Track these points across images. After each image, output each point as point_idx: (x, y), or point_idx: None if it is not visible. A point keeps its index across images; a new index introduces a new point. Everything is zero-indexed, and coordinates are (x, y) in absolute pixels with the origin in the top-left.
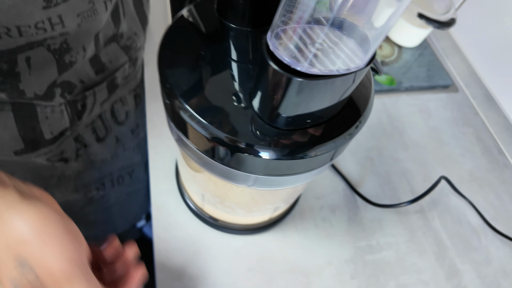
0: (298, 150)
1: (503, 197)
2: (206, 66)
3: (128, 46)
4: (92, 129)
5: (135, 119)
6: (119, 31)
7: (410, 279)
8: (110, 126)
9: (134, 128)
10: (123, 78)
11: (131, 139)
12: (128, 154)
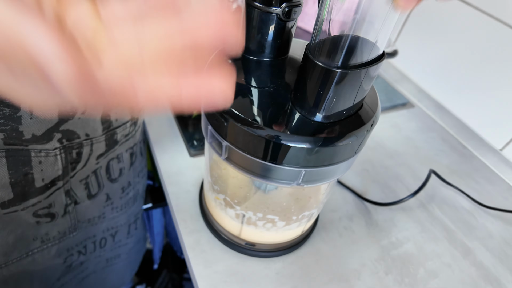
0: (337, 138)
1: (480, 181)
2: (245, 88)
3: None
4: (85, 185)
5: (127, 177)
6: None
7: (434, 264)
8: (103, 182)
9: (126, 186)
10: (124, 135)
11: (120, 197)
12: (115, 214)
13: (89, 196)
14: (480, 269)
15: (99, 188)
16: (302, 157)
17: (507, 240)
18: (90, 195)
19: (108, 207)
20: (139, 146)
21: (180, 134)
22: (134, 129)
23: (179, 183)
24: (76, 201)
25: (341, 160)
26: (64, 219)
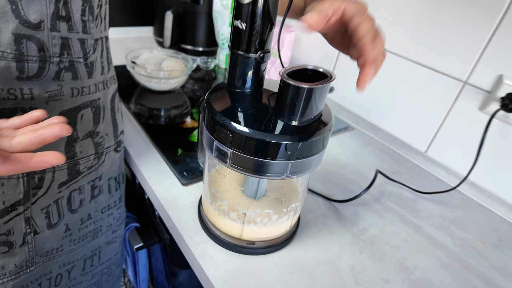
0: (316, 134)
1: (414, 176)
2: (241, 108)
3: (98, 143)
4: (46, 213)
5: (87, 210)
6: (96, 130)
7: (395, 240)
8: (63, 212)
9: (85, 218)
10: (87, 167)
11: (79, 228)
12: (73, 247)
13: (49, 225)
14: (429, 239)
15: (59, 218)
16: (288, 152)
17: (442, 215)
18: (50, 225)
19: (66, 238)
20: (105, 182)
21: (170, 169)
22: (97, 163)
23: (177, 207)
24: (36, 230)
25: (315, 152)
26: (22, 250)
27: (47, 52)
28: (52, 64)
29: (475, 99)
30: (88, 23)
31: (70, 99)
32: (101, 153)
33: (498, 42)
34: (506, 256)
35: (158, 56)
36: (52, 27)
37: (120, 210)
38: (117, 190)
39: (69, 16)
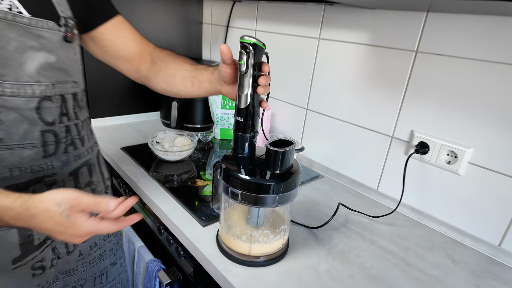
0: (291, 177)
1: (370, 207)
2: (243, 166)
3: (94, 189)
4: (65, 244)
5: (93, 239)
6: (91, 180)
7: (358, 251)
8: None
9: (92, 246)
10: None
11: (88, 253)
12: (85, 267)
13: (67, 252)
14: (381, 248)
15: (74, 247)
16: (275, 189)
17: (391, 232)
18: (68, 252)
19: (80, 261)
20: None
21: (191, 216)
22: None
23: (201, 241)
24: (58, 256)
25: (292, 188)
26: (50, 270)
27: (58, 137)
28: (61, 144)
29: (400, 148)
30: (77, 112)
31: (74, 163)
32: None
33: (405, 109)
34: (437, 255)
35: (171, 135)
36: (59, 121)
37: (117, 237)
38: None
39: (67, 112)
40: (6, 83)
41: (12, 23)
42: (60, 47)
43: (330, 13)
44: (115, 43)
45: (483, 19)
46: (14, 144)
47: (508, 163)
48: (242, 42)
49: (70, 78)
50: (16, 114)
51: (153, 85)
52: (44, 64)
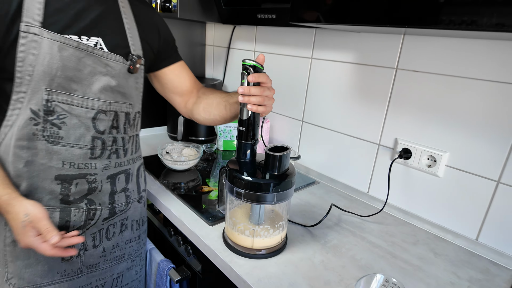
0: (286, 177)
1: (361, 209)
2: (245, 170)
3: (128, 196)
4: (93, 237)
5: (116, 240)
6: (127, 187)
7: (349, 246)
8: (102, 239)
9: (115, 245)
10: (120, 210)
11: (110, 252)
12: (106, 265)
13: (93, 246)
14: (370, 243)
15: (100, 242)
16: (274, 188)
17: (380, 230)
18: (94, 246)
19: (102, 258)
20: (130, 222)
21: (200, 218)
22: (126, 208)
23: (209, 238)
24: (86, 248)
25: (288, 188)
26: (76, 260)
27: (105, 144)
28: (106, 150)
29: (386, 154)
30: (126, 128)
31: (114, 168)
32: (129, 202)
33: (390, 119)
34: (420, 249)
35: (178, 147)
36: (109, 132)
37: (138, 245)
38: (137, 229)
39: (117, 126)
40: (75, 96)
41: (90, 54)
42: (122, 75)
43: (320, 36)
44: (174, 82)
45: (449, 41)
46: (70, 143)
47: (479, 165)
48: (243, 64)
49: (126, 100)
50: (77, 120)
51: (196, 116)
52: (106, 86)
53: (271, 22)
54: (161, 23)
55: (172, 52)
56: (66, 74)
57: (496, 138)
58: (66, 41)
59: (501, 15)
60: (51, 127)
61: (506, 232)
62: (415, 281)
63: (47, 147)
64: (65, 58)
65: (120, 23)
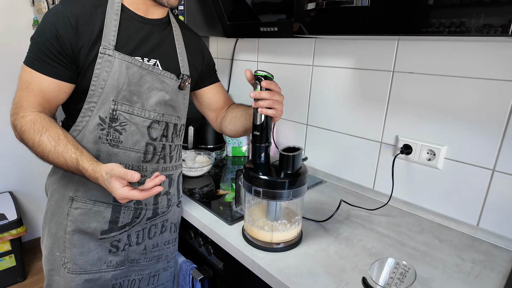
0: (300, 175)
1: (368, 203)
2: (263, 171)
3: (169, 199)
4: (137, 234)
5: (156, 240)
6: (169, 191)
7: (359, 237)
8: (144, 237)
9: (155, 245)
10: (161, 212)
11: (150, 251)
12: (145, 263)
13: (136, 243)
14: (379, 234)
15: (142, 240)
16: (289, 185)
17: (387, 221)
18: (137, 243)
19: (142, 255)
20: (169, 224)
21: (219, 218)
22: (167, 211)
23: (229, 235)
24: (130, 243)
25: (302, 185)
26: (121, 253)
27: (156, 150)
28: (156, 155)
29: (389, 151)
30: (173, 137)
31: (161, 172)
32: (170, 205)
33: (390, 118)
34: (426, 236)
35: (191, 155)
36: (160, 139)
37: (174, 248)
38: (174, 232)
39: (167, 135)
40: (135, 107)
41: (150, 72)
42: (174, 91)
43: (320, 45)
44: (210, 100)
45: (439, 44)
46: (128, 147)
47: (475, 155)
48: (255, 75)
49: (175, 113)
50: (135, 127)
51: (224, 128)
52: (161, 100)
53: (273, 34)
54: (205, 49)
55: (212, 74)
56: (130, 88)
57: (489, 130)
58: (133, 61)
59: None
60: (114, 132)
61: (504, 216)
62: (423, 265)
63: (109, 149)
64: (130, 75)
65: (173, 48)
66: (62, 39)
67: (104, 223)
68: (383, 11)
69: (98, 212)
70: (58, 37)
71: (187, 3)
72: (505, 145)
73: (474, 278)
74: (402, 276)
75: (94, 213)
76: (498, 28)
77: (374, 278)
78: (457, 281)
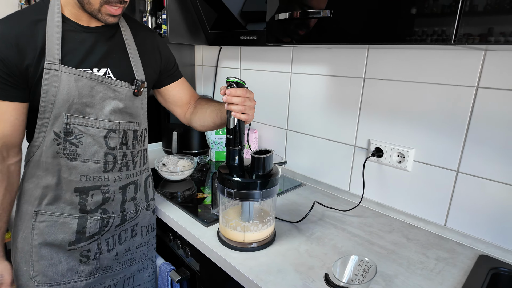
0: (270, 177)
1: (342, 205)
2: (235, 172)
3: (137, 204)
4: (107, 242)
5: (128, 245)
6: (135, 196)
7: (330, 236)
8: (115, 243)
9: (126, 249)
10: (130, 217)
11: (122, 256)
12: (119, 267)
13: (107, 250)
14: (350, 233)
15: (113, 246)
16: (260, 186)
17: (359, 222)
18: (108, 250)
19: (115, 261)
20: (139, 228)
21: (196, 220)
22: (135, 216)
23: (205, 237)
24: (101, 252)
25: (272, 186)
26: (93, 262)
27: (116, 159)
28: (117, 164)
29: (362, 154)
30: (134, 144)
31: (124, 180)
32: (138, 210)
33: (362, 123)
34: (395, 236)
35: (174, 159)
36: (119, 148)
37: (148, 250)
38: (147, 235)
39: (126, 142)
40: (89, 118)
41: (101, 82)
42: (128, 98)
43: (297, 53)
44: (175, 97)
45: (405, 52)
46: (86, 158)
47: (441, 158)
48: (227, 81)
49: (133, 120)
50: (91, 138)
51: (193, 124)
52: (115, 109)
53: (252, 42)
54: (162, 46)
55: (173, 71)
56: (81, 100)
57: (452, 133)
58: (81, 73)
59: (432, 29)
60: (70, 146)
61: (468, 215)
62: (389, 262)
63: (67, 163)
64: (80, 87)
65: (125, 54)
66: (7, 62)
67: (71, 234)
68: (344, 22)
69: (64, 223)
70: (2, 61)
71: (169, 13)
72: (467, 147)
73: (436, 274)
74: (365, 273)
75: (60, 225)
76: (444, 37)
77: (338, 275)
78: (420, 277)
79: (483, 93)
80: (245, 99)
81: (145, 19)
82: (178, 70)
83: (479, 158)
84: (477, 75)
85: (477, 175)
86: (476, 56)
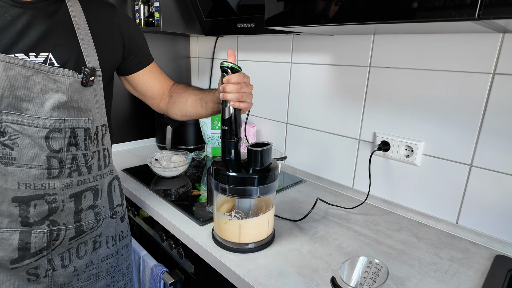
0: (269, 171)
1: (347, 202)
2: (230, 167)
3: (98, 213)
4: (61, 257)
5: (90, 258)
6: (95, 204)
7: (335, 236)
8: (72, 258)
9: (89, 264)
10: (89, 228)
11: (84, 271)
12: (80, 284)
13: (62, 266)
14: (356, 232)
15: (69, 261)
16: (257, 182)
17: (365, 220)
18: (63, 265)
19: (75, 277)
20: (104, 239)
21: (190, 219)
22: (97, 225)
23: (200, 237)
24: (54, 268)
25: (270, 182)
26: (44, 280)
27: (64, 164)
28: (66, 169)
29: (367, 148)
30: (87, 144)
31: (77, 187)
32: (99, 219)
33: (367, 115)
34: (403, 235)
35: (167, 155)
36: (66, 150)
37: (117, 262)
38: (114, 246)
39: (76, 143)
40: (25, 115)
41: (38, 71)
42: (75, 90)
43: (298, 41)
44: (144, 86)
45: (414, 37)
46: (24, 163)
47: (453, 151)
48: (222, 66)
49: (84, 115)
50: (29, 139)
51: (172, 115)
52: (57, 103)
53: (250, 30)
54: (125, 23)
55: (141, 56)
56: (14, 93)
57: (465, 124)
58: (12, 60)
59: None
60: (3, 148)
61: (483, 212)
62: (399, 263)
63: (2, 168)
64: (11, 78)
65: (73, 35)
66: None
67: (12, 251)
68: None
69: (2, 240)
70: None
71: (162, 0)
72: (482, 139)
73: (451, 276)
74: (375, 276)
75: None
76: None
77: (345, 278)
78: (433, 280)
79: (500, 79)
80: (241, 85)
81: (137, 7)
82: (146, 56)
83: (494, 150)
84: (494, 61)
85: (493, 168)
86: (493, 39)
